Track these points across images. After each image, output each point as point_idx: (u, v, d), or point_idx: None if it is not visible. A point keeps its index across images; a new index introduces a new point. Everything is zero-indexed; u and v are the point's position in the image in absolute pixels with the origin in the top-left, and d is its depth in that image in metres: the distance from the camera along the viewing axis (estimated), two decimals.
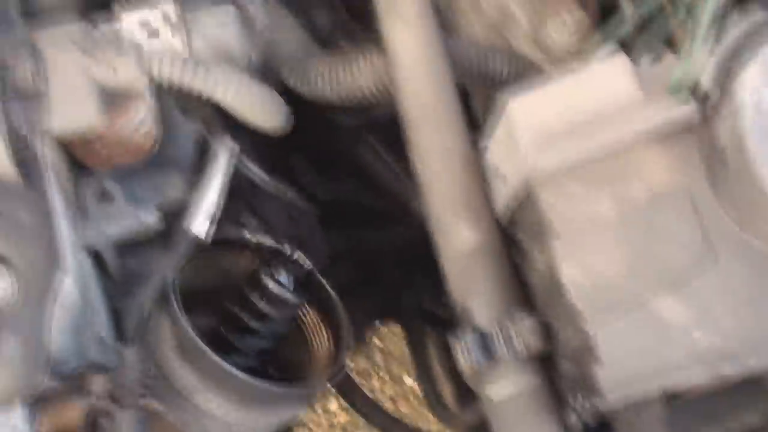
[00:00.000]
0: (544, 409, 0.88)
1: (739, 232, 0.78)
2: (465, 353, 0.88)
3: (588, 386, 0.80)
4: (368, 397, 1.34)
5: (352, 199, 1.36)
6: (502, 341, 0.88)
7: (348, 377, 1.36)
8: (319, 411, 2.44)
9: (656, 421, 0.83)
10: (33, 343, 0.85)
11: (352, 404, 1.34)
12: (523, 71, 0.99)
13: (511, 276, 0.93)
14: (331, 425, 2.44)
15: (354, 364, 2.39)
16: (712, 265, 0.78)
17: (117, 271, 1.04)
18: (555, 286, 0.83)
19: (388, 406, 2.35)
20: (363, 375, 2.42)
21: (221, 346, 1.03)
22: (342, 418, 2.43)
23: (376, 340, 2.46)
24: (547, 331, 0.88)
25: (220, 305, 1.10)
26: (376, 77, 0.97)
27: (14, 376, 0.83)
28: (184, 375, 1.01)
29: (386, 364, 2.46)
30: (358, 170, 1.30)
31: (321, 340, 1.13)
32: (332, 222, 1.26)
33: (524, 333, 0.88)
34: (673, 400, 0.84)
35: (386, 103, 0.97)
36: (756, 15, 0.81)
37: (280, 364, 1.10)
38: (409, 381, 2.45)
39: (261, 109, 0.99)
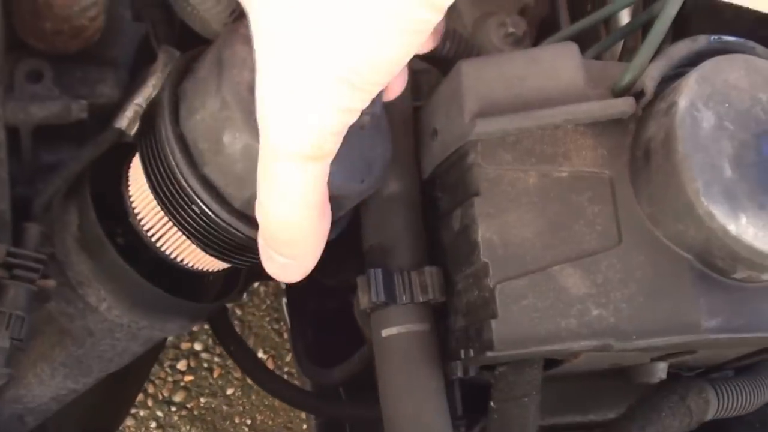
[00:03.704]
0: (429, 353, 0.92)
1: (648, 226, 0.84)
2: (368, 288, 0.91)
3: (481, 340, 0.84)
4: (245, 344, 1.34)
5: None
6: (403, 285, 0.91)
7: (226, 320, 1.37)
8: (167, 368, 2.43)
9: (534, 384, 0.88)
10: None
11: (226, 348, 1.35)
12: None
13: (423, 230, 0.97)
14: (176, 383, 2.43)
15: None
16: (617, 249, 0.83)
17: (28, 157, 1.04)
18: (466, 244, 0.87)
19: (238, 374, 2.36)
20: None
21: (123, 254, 1.03)
22: (188, 378, 2.42)
23: (236, 310, 2.47)
24: (446, 286, 0.92)
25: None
26: None
27: None
28: (80, 267, 1.00)
29: (243, 335, 2.47)
30: None
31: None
32: None
33: (426, 282, 0.91)
34: (554, 365, 0.89)
35: None
36: (701, 39, 0.88)
37: (172, 286, 1.10)
38: (262, 355, 2.46)
39: None
